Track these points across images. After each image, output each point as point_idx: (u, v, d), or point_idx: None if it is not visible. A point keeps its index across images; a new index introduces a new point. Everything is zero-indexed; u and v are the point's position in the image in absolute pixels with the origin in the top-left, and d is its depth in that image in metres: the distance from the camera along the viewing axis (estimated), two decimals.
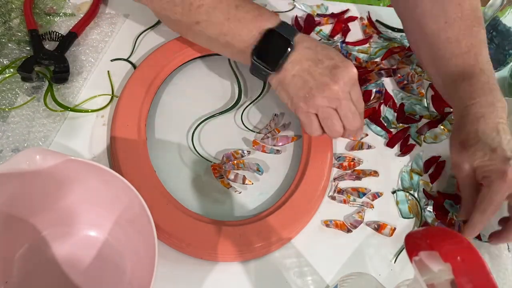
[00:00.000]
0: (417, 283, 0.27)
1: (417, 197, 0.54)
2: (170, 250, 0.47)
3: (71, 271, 0.43)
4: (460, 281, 0.25)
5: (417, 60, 0.66)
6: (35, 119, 0.52)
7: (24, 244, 0.43)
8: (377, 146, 0.58)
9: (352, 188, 0.53)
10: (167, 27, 0.56)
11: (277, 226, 0.47)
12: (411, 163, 0.57)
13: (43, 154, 0.37)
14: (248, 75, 0.62)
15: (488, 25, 0.62)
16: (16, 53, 0.57)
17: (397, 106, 0.61)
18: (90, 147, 0.52)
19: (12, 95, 0.54)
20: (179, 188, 0.51)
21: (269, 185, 0.53)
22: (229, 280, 0.46)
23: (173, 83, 0.59)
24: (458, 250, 0.26)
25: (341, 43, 0.65)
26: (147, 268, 0.37)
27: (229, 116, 0.58)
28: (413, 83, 0.64)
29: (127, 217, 0.43)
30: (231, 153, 0.53)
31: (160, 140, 0.54)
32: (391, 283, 0.47)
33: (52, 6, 0.63)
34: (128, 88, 0.54)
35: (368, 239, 0.50)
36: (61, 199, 0.43)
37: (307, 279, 0.47)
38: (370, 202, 0.53)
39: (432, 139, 0.59)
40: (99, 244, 0.44)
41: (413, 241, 0.28)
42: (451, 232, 0.28)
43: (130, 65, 0.59)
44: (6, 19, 0.60)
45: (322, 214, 0.51)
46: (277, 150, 0.55)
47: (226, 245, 0.46)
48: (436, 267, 0.26)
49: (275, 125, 0.57)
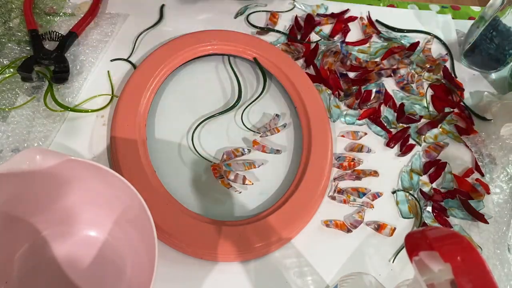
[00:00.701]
0: (417, 283, 0.27)
1: (417, 197, 0.54)
2: (170, 250, 0.47)
3: (71, 271, 0.43)
4: (460, 281, 0.25)
5: (417, 60, 0.66)
6: (35, 119, 0.52)
7: (24, 244, 0.43)
8: (377, 146, 0.58)
9: (352, 188, 0.53)
10: (167, 27, 0.56)
11: (277, 226, 0.47)
12: (411, 163, 0.57)
13: (43, 154, 0.37)
14: (248, 75, 0.62)
15: (488, 25, 0.62)
16: (16, 53, 0.57)
17: (397, 106, 0.61)
18: (90, 147, 0.52)
19: (12, 95, 0.54)
20: (179, 188, 0.51)
21: (269, 185, 0.53)
22: (229, 280, 0.46)
23: (173, 83, 0.59)
24: (458, 250, 0.26)
25: (341, 43, 0.65)
26: (147, 268, 0.37)
27: (229, 116, 0.58)
28: (413, 83, 0.64)
29: (127, 217, 0.43)
30: (231, 150, 0.53)
31: (160, 140, 0.54)
32: (391, 283, 0.47)
33: (52, 6, 0.63)
34: (128, 88, 0.54)
35: (368, 239, 0.50)
36: (61, 199, 0.43)
37: (307, 279, 0.47)
38: (370, 202, 0.53)
39: (432, 139, 0.59)
40: (99, 244, 0.44)
41: (413, 241, 0.28)
42: (451, 232, 0.28)
43: (130, 65, 0.59)
44: (6, 19, 0.61)
45: (322, 214, 0.51)
46: (277, 150, 0.55)
47: (226, 245, 0.46)
48: (436, 267, 0.26)
49: (275, 124, 0.57)
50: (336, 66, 0.63)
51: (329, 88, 0.61)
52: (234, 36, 0.60)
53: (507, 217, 0.53)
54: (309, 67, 0.63)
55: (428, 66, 0.66)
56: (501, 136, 0.58)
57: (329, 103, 0.60)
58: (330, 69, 0.63)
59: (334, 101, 0.60)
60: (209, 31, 0.61)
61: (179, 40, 0.59)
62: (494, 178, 0.55)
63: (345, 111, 0.60)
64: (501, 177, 0.55)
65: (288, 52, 0.64)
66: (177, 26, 0.64)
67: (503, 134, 0.58)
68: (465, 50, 0.67)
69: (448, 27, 0.73)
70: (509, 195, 0.54)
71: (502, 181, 0.55)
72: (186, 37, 0.60)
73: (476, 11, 0.77)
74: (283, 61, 0.60)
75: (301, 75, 0.59)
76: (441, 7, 0.77)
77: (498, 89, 0.67)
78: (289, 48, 0.64)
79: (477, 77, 0.68)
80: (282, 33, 0.66)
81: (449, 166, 0.56)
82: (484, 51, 0.65)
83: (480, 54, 0.65)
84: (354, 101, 0.60)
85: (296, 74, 0.59)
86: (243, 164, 0.53)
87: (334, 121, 0.59)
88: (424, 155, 0.58)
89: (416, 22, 0.73)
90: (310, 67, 0.63)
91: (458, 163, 0.58)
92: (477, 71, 0.68)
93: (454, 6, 0.78)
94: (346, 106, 0.61)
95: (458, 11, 0.77)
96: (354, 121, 0.59)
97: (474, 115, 0.62)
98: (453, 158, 0.58)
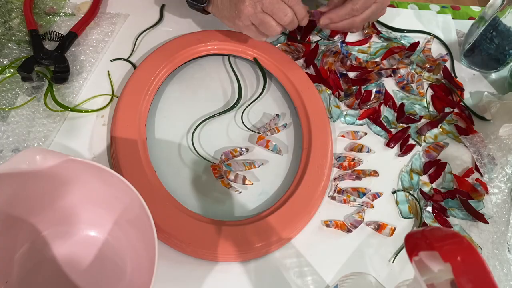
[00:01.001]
0: (417, 283, 0.27)
1: (417, 197, 0.54)
2: (170, 250, 0.47)
3: (71, 271, 0.43)
4: (460, 281, 0.25)
5: (417, 60, 0.66)
6: (35, 119, 0.52)
7: (24, 244, 0.43)
8: (377, 146, 0.58)
9: (352, 188, 0.53)
10: (167, 27, 0.56)
11: (277, 226, 0.47)
12: (411, 163, 0.57)
13: (43, 154, 0.37)
14: (248, 75, 0.62)
15: (488, 25, 0.62)
16: (16, 53, 0.57)
17: (397, 106, 0.61)
18: (90, 147, 0.52)
19: (12, 95, 0.54)
20: (179, 188, 0.51)
21: (269, 185, 0.53)
22: (229, 280, 0.46)
23: (173, 83, 0.59)
24: (458, 250, 0.26)
25: (341, 43, 0.65)
26: (147, 268, 0.37)
27: (229, 116, 0.58)
28: (413, 83, 0.64)
29: (127, 217, 0.43)
30: (229, 151, 0.53)
31: (160, 140, 0.54)
32: (391, 283, 0.47)
33: (52, 6, 0.63)
34: (128, 88, 0.54)
35: (368, 239, 0.50)
36: (61, 199, 0.43)
37: (307, 279, 0.47)
38: (370, 202, 0.53)
39: (432, 139, 0.59)
40: (99, 244, 0.44)
41: (413, 241, 0.28)
42: (451, 232, 0.28)
43: (130, 65, 0.59)
44: (6, 19, 0.60)
45: (322, 214, 0.51)
46: (280, 150, 0.55)
47: (226, 245, 0.46)
48: (436, 267, 0.26)
49: (275, 124, 0.57)
50: (336, 66, 0.63)
51: (329, 88, 0.61)
52: (234, 36, 0.60)
53: (506, 217, 0.53)
54: (309, 67, 0.63)
55: (428, 66, 0.66)
56: (500, 136, 0.58)
57: (329, 103, 0.60)
58: (330, 69, 0.63)
59: (334, 101, 0.60)
60: (209, 31, 0.61)
61: (179, 40, 0.59)
62: (493, 178, 0.55)
63: (345, 111, 0.60)
64: (500, 177, 0.55)
65: (288, 52, 0.64)
66: (177, 26, 0.64)
67: (501, 135, 0.58)
68: (465, 50, 0.67)
69: (448, 27, 0.73)
70: (507, 195, 0.54)
71: (500, 181, 0.55)
72: (186, 37, 0.60)
73: (476, 11, 0.77)
74: (283, 61, 0.60)
75: (301, 75, 0.59)
76: (441, 7, 0.77)
77: (498, 89, 0.67)
78: (289, 48, 0.64)
79: (477, 77, 0.68)
80: (282, 33, 0.66)
81: (449, 166, 0.56)
82: (484, 51, 0.65)
83: (480, 54, 0.65)
84: (354, 101, 0.60)
85: (296, 74, 0.59)
86: (243, 164, 0.53)
87: (334, 121, 0.59)
88: (424, 155, 0.58)
89: (416, 22, 0.73)
90: (310, 67, 0.63)
91: (458, 163, 0.58)
92: (477, 71, 0.68)
93: (454, 6, 0.78)
94: (346, 106, 0.61)
95: (458, 11, 0.77)
96: (354, 121, 0.59)
97: (474, 115, 0.62)
98: (453, 158, 0.58)
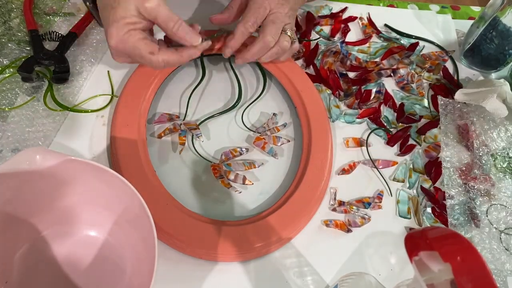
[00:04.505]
0: (417, 283, 0.27)
1: (417, 197, 0.54)
2: (170, 250, 0.47)
3: (71, 271, 0.43)
4: (460, 281, 0.25)
5: (417, 60, 0.66)
6: (35, 119, 0.52)
7: (24, 244, 0.43)
8: (377, 146, 0.58)
9: (356, 201, 0.53)
10: None
11: (277, 226, 0.47)
12: (412, 161, 0.57)
13: (43, 154, 0.37)
14: (248, 75, 0.62)
15: (488, 25, 0.62)
16: (16, 53, 0.57)
17: (397, 106, 0.61)
18: (90, 147, 0.52)
19: (12, 95, 0.54)
20: (179, 188, 0.51)
21: (269, 185, 0.53)
22: (229, 280, 0.46)
23: (173, 83, 0.59)
24: (458, 250, 0.26)
25: (341, 43, 0.65)
26: (147, 268, 0.37)
27: (229, 116, 0.57)
28: (413, 83, 0.64)
29: (127, 217, 0.43)
30: (229, 151, 0.53)
31: (160, 140, 0.54)
32: (391, 283, 0.47)
33: (52, 6, 0.63)
34: (128, 88, 0.54)
35: (368, 239, 0.50)
36: (61, 199, 0.43)
37: (307, 279, 0.47)
38: (377, 204, 0.52)
39: (432, 139, 0.59)
40: (99, 244, 0.44)
41: (413, 241, 0.28)
42: (451, 232, 0.28)
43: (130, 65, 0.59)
44: (6, 19, 0.60)
45: (322, 214, 0.51)
46: (275, 153, 0.55)
47: (226, 245, 0.46)
48: (436, 267, 0.26)
49: (273, 124, 0.57)
50: (336, 66, 0.63)
51: (329, 88, 0.61)
52: None
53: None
54: (309, 67, 0.63)
55: (428, 66, 0.66)
56: (455, 99, 0.59)
57: (329, 103, 0.60)
58: (330, 69, 0.63)
59: (334, 101, 0.60)
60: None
61: None
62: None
63: (345, 111, 0.60)
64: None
65: None
66: None
67: (457, 98, 0.59)
68: (465, 50, 0.67)
69: (448, 27, 0.73)
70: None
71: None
72: None
73: (476, 11, 0.77)
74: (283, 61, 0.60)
75: (301, 75, 0.59)
76: (441, 7, 0.77)
77: None
78: None
79: (477, 77, 0.68)
80: None
81: None
82: (484, 51, 0.65)
83: (480, 54, 0.65)
84: (354, 101, 0.60)
85: (296, 74, 0.59)
86: (243, 164, 0.53)
87: (333, 121, 0.59)
88: (424, 155, 0.57)
89: (416, 22, 0.73)
90: (310, 67, 0.63)
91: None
92: (477, 71, 0.68)
93: (454, 6, 0.78)
94: (346, 106, 0.61)
95: (458, 11, 0.77)
96: (354, 120, 0.59)
97: None
98: None
